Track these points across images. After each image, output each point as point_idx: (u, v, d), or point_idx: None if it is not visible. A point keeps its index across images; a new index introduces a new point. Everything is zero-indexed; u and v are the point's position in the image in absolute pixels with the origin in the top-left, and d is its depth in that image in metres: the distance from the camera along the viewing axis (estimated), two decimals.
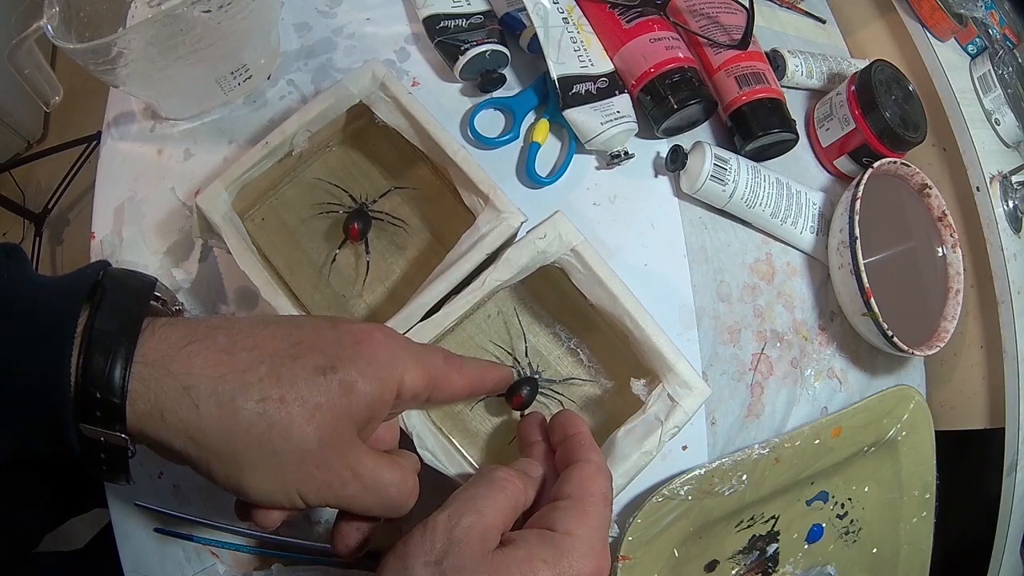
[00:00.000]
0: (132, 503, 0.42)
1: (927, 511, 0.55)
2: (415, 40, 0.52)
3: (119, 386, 0.23)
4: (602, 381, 0.45)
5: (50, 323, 0.24)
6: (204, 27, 0.40)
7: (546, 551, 0.26)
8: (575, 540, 0.27)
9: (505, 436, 0.44)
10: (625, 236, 0.50)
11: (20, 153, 1.43)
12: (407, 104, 0.41)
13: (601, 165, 0.51)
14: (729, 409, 0.50)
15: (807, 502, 0.53)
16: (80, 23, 0.41)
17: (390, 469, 0.28)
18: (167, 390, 0.24)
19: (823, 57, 0.60)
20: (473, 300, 0.38)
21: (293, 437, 0.25)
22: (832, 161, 0.57)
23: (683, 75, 0.49)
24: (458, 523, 0.26)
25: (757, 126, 0.51)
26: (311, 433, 0.25)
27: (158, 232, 0.46)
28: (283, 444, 0.25)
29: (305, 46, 0.51)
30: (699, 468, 0.46)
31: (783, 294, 0.53)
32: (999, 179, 0.56)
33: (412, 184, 0.47)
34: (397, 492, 0.28)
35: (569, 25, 0.50)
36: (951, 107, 0.57)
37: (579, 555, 0.27)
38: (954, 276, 0.55)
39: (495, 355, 0.44)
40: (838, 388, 0.54)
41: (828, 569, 0.54)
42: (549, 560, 0.26)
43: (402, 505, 0.29)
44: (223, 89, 0.47)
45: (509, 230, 0.40)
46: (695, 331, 0.50)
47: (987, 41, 0.62)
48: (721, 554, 0.49)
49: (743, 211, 0.52)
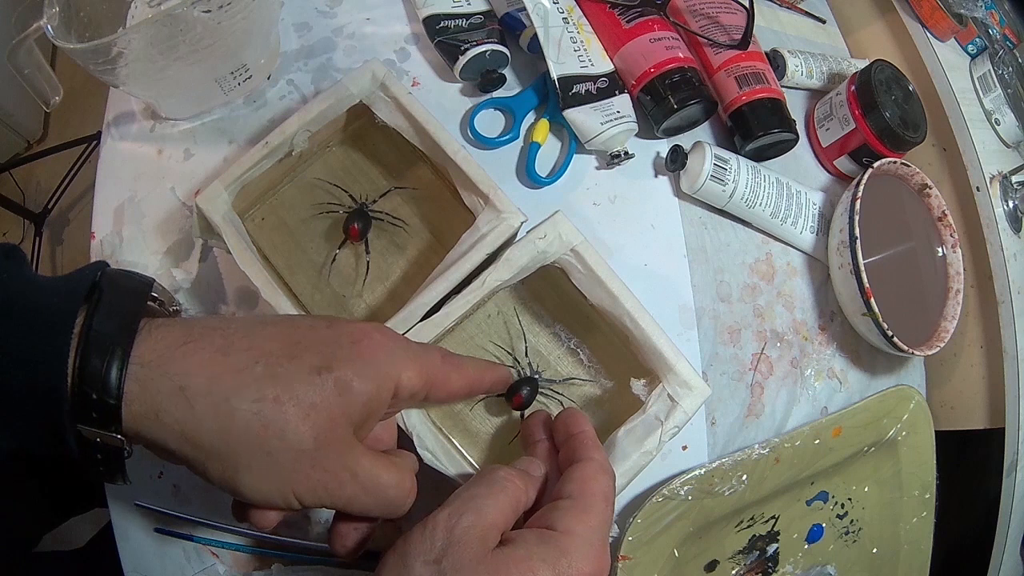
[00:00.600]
0: (132, 503, 0.42)
1: (927, 511, 0.55)
2: (415, 40, 0.52)
3: (115, 387, 0.23)
4: (602, 381, 0.45)
5: (48, 324, 0.24)
6: (204, 27, 0.40)
7: (545, 550, 0.26)
8: (575, 539, 0.27)
9: (505, 436, 0.44)
10: (625, 236, 0.50)
11: (20, 153, 1.43)
12: (407, 104, 0.41)
13: (601, 165, 0.51)
14: (729, 409, 0.50)
15: (807, 502, 0.53)
16: (80, 23, 0.41)
17: (387, 470, 0.28)
18: (162, 390, 0.24)
19: (823, 57, 0.60)
20: (473, 300, 0.38)
21: (288, 437, 0.25)
22: (832, 161, 0.57)
23: (683, 75, 0.49)
24: (458, 522, 0.26)
25: (757, 126, 0.51)
26: (307, 433, 0.25)
27: (158, 232, 0.46)
28: (278, 444, 0.25)
29: (305, 46, 0.51)
30: (699, 468, 0.46)
31: (783, 294, 0.53)
32: (999, 179, 0.56)
33: (412, 184, 0.47)
34: (395, 493, 0.28)
35: (569, 25, 0.50)
36: (951, 107, 0.57)
37: (579, 555, 0.27)
38: (954, 276, 0.55)
39: (495, 355, 0.44)
40: (838, 388, 0.54)
41: (828, 569, 0.54)
42: (548, 559, 0.26)
43: (400, 505, 0.29)
44: (223, 89, 0.47)
45: (509, 230, 0.40)
46: (695, 331, 0.50)
47: (987, 41, 0.62)
48: (721, 554, 0.49)
49: (743, 211, 0.52)
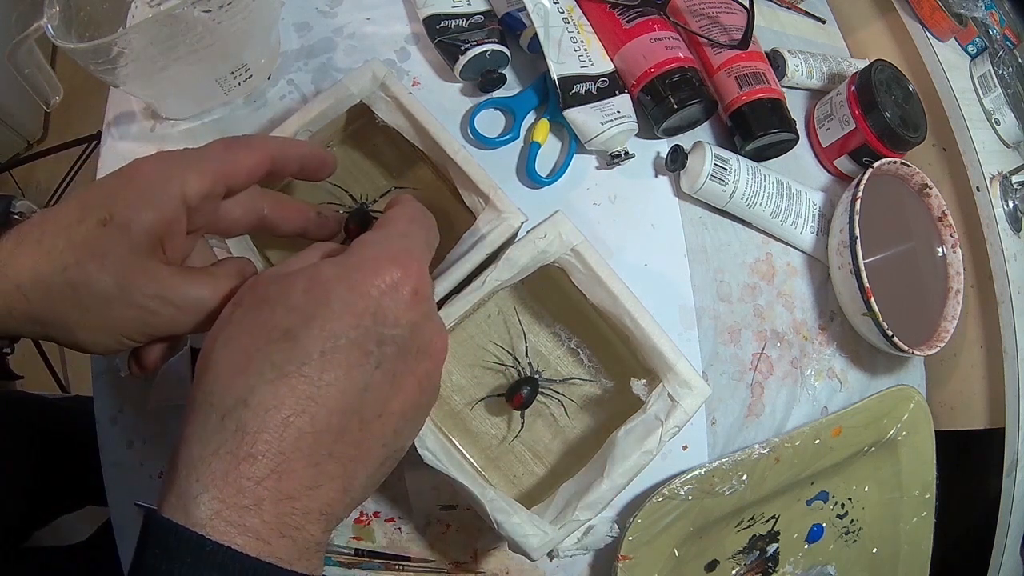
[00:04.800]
0: (132, 502, 0.42)
1: (927, 511, 0.55)
2: (415, 40, 0.52)
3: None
4: (602, 381, 0.45)
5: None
6: (204, 27, 0.40)
7: (333, 256, 0.28)
8: (364, 244, 0.28)
9: (505, 436, 0.44)
10: (625, 236, 0.50)
11: (20, 153, 1.43)
12: (407, 104, 0.41)
13: (601, 165, 0.51)
14: (729, 409, 0.50)
15: (807, 502, 0.53)
16: (80, 23, 0.41)
17: (198, 283, 0.29)
18: (7, 291, 0.27)
19: (823, 57, 0.60)
20: (473, 300, 0.38)
21: (94, 289, 0.27)
22: (832, 161, 0.57)
23: (683, 75, 0.49)
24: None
25: (757, 126, 0.51)
26: (108, 280, 0.27)
27: None
28: (90, 300, 0.27)
29: (305, 46, 0.51)
30: (699, 468, 0.46)
31: (783, 294, 0.53)
32: (999, 179, 0.56)
33: (412, 184, 0.47)
34: (215, 301, 0.29)
35: (569, 25, 0.50)
36: (951, 107, 0.57)
37: (370, 253, 0.27)
38: (954, 276, 0.55)
39: (495, 355, 0.44)
40: (838, 388, 0.54)
41: (828, 569, 0.54)
42: (337, 260, 0.27)
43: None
44: (223, 89, 0.47)
45: (509, 230, 0.40)
46: (695, 331, 0.50)
47: (987, 41, 0.62)
48: (721, 554, 0.49)
49: (743, 211, 0.52)
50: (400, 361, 0.26)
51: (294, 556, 0.23)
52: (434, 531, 0.45)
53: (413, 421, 0.28)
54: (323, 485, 0.24)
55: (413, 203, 0.32)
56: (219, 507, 0.22)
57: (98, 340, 0.28)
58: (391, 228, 0.29)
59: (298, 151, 0.34)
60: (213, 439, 0.23)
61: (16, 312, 0.27)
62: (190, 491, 0.22)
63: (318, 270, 0.26)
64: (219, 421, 0.23)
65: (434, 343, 0.28)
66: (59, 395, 1.15)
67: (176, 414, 0.43)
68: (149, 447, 0.46)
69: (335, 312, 0.25)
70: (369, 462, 0.26)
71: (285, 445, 0.23)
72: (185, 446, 0.23)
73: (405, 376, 0.27)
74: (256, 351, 0.24)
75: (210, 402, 0.24)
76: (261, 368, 0.24)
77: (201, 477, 0.22)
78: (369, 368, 0.25)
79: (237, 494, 0.22)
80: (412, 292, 0.26)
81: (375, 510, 0.45)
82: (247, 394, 0.23)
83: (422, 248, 0.29)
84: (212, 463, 0.23)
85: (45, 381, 1.20)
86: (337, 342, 0.25)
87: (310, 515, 0.24)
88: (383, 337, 0.25)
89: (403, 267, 0.26)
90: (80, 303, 0.27)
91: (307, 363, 0.24)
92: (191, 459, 0.23)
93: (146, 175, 0.29)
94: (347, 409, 0.25)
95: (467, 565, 0.45)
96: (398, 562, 0.45)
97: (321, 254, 0.29)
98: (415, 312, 0.26)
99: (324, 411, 0.24)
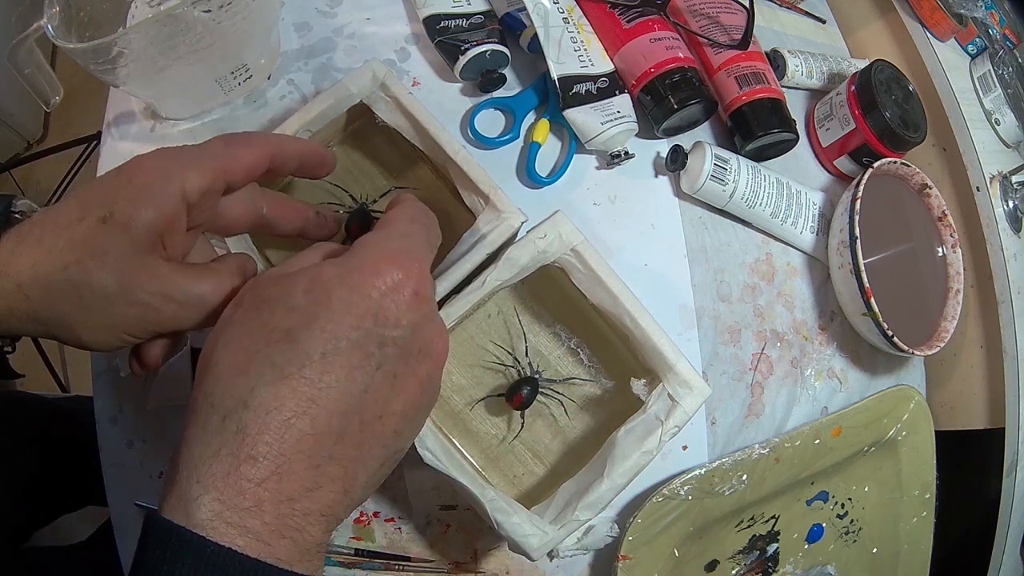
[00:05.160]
0: (132, 503, 0.42)
1: (927, 511, 0.55)
2: (415, 40, 0.52)
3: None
4: (602, 381, 0.45)
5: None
6: (204, 27, 0.40)
7: (335, 256, 0.28)
8: (366, 244, 0.28)
9: (505, 436, 0.44)
10: (625, 236, 0.50)
11: (20, 153, 1.43)
12: (407, 104, 0.41)
13: (601, 165, 0.51)
14: (729, 409, 0.50)
15: (807, 502, 0.53)
16: (80, 23, 0.41)
17: (199, 280, 0.29)
18: (8, 290, 0.27)
19: (823, 57, 0.60)
20: (473, 300, 0.38)
21: (95, 287, 0.27)
22: (832, 161, 0.57)
23: (683, 75, 0.49)
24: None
25: (757, 126, 0.51)
26: (108, 279, 0.27)
27: None
28: (91, 298, 0.27)
29: (305, 46, 0.51)
30: (699, 468, 0.46)
31: (783, 294, 0.53)
32: (999, 179, 0.56)
33: (412, 184, 0.47)
34: (216, 298, 0.29)
35: (569, 25, 0.50)
36: (951, 107, 0.57)
37: (371, 254, 0.27)
38: (954, 276, 0.55)
39: (495, 355, 0.44)
40: (838, 388, 0.54)
41: (828, 569, 0.54)
42: (338, 261, 0.27)
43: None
44: (223, 89, 0.47)
45: (509, 230, 0.40)
46: (695, 331, 0.50)
47: (987, 41, 0.62)
48: (721, 554, 0.49)
49: (743, 211, 0.52)
50: (401, 362, 0.26)
51: (295, 557, 0.23)
52: (434, 531, 0.45)
53: (414, 422, 0.28)
54: (324, 486, 0.24)
55: (414, 203, 0.32)
56: (220, 508, 0.22)
57: (100, 338, 0.28)
58: (392, 228, 0.29)
59: (298, 148, 0.34)
60: (214, 440, 0.23)
61: (17, 311, 0.27)
62: (191, 492, 0.22)
63: (319, 271, 0.26)
64: (220, 422, 0.23)
65: (435, 344, 0.28)
66: (59, 395, 1.15)
67: (176, 414, 0.43)
68: (149, 447, 0.46)
69: (336, 313, 0.25)
70: (370, 463, 0.26)
71: (286, 447, 0.23)
72: (186, 447, 0.23)
73: (406, 377, 0.26)
74: (257, 352, 0.24)
75: (211, 403, 0.24)
76: (262, 369, 0.24)
77: (202, 478, 0.22)
78: (370, 369, 0.25)
79: (238, 495, 0.22)
80: (413, 293, 0.26)
81: (375, 510, 0.45)
82: (248, 395, 0.23)
83: (423, 248, 0.29)
84: (213, 464, 0.23)
85: (45, 381, 1.20)
86: (338, 343, 0.25)
87: (310, 516, 0.24)
88: (384, 338, 0.25)
89: (404, 268, 0.26)
90: (81, 301, 0.27)
91: (308, 364, 0.24)
92: (192, 460, 0.23)
93: (146, 172, 0.29)
94: (348, 411, 0.25)
95: (467, 565, 0.45)
96: (398, 562, 0.45)
97: (322, 254, 0.29)
98: (416, 313, 0.26)
99: (325, 413, 0.24)
